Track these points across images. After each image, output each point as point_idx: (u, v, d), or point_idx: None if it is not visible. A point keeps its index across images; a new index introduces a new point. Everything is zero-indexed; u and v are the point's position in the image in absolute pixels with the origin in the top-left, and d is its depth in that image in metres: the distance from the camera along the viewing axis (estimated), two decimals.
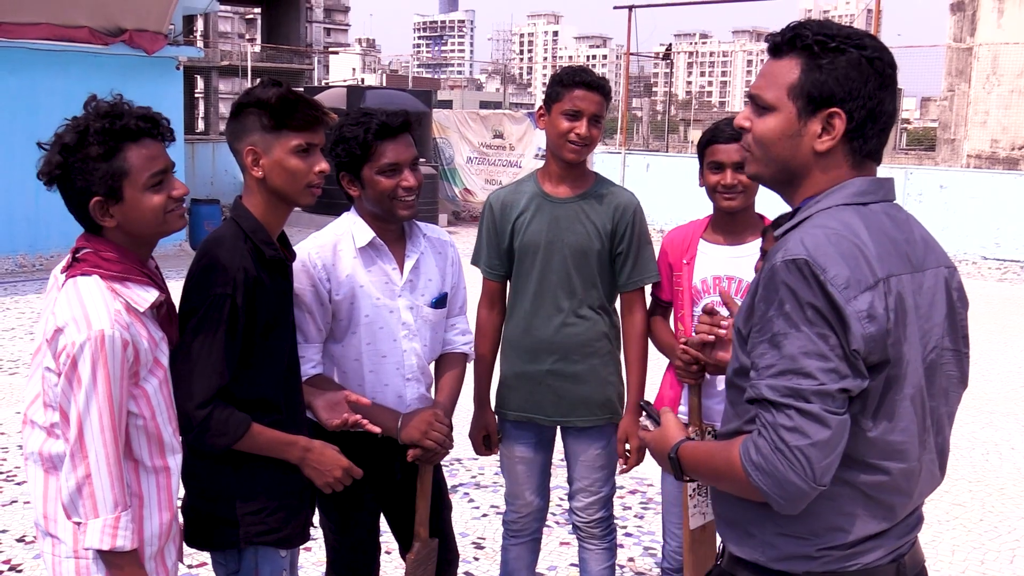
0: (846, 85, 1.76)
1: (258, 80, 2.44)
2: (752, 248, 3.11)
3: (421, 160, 2.97)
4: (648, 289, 3.27)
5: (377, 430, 2.66)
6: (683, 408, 3.19)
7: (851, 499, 1.76)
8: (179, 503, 2.34)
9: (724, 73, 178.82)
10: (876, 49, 1.78)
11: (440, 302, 2.95)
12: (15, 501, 4.85)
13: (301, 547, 2.63)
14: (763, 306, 1.73)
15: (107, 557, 2.07)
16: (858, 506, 1.78)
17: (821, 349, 1.65)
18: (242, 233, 2.38)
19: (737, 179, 3.02)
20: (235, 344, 2.30)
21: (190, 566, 4.08)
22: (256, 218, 2.41)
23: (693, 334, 2.91)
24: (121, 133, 2.09)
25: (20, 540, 4.42)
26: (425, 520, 2.93)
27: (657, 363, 3.25)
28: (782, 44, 1.83)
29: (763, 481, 1.68)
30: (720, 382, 3.08)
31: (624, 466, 3.26)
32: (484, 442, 3.35)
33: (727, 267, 3.13)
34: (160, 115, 2.20)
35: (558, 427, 3.31)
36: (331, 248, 2.81)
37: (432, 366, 3.05)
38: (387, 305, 2.83)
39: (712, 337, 2.66)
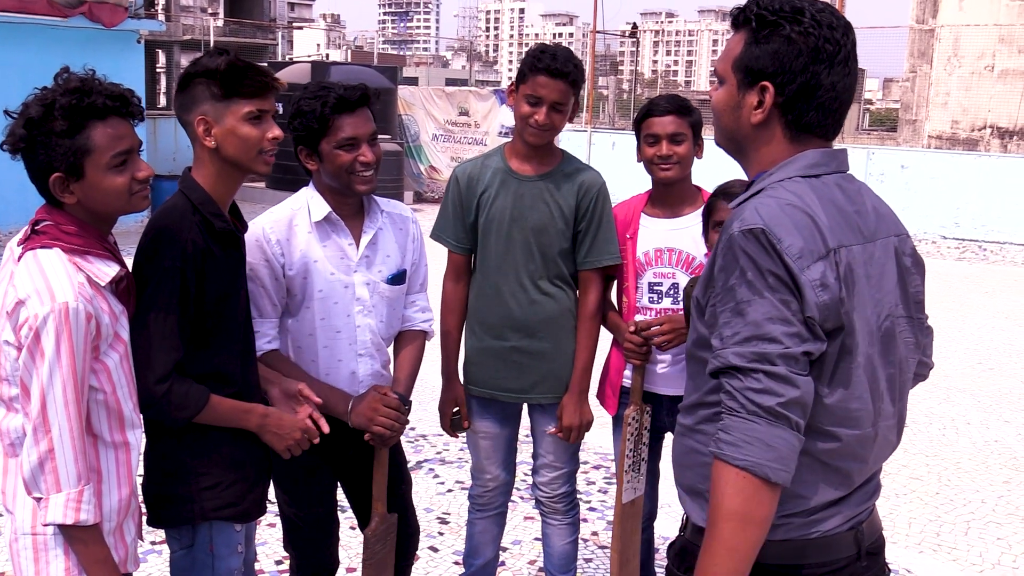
0: (776, 60, 1.79)
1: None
2: (690, 220, 3.21)
3: (386, 137, 2.96)
4: None
5: (326, 429, 2.64)
6: (627, 383, 3.30)
7: (809, 467, 1.79)
8: (139, 479, 2.33)
9: (690, 52, 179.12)
10: (814, 24, 1.78)
11: (398, 278, 2.93)
12: None
13: (260, 521, 2.63)
14: (723, 276, 1.75)
15: (69, 532, 2.06)
16: (816, 473, 1.81)
17: (784, 314, 1.68)
18: (191, 205, 2.35)
19: (672, 150, 3.13)
20: (188, 317, 2.28)
21: (153, 543, 4.06)
22: (205, 190, 2.38)
23: (631, 334, 3.12)
24: (87, 110, 2.06)
25: None
26: (382, 496, 2.93)
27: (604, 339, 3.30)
28: (736, 19, 1.88)
29: (751, 454, 1.65)
30: (662, 355, 3.22)
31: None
32: (453, 420, 3.35)
33: (667, 239, 3.21)
34: (131, 93, 2.16)
35: (524, 403, 3.33)
36: (286, 222, 2.79)
37: (392, 346, 3.05)
38: (342, 280, 2.82)
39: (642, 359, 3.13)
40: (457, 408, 3.34)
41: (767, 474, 1.65)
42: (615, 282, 3.34)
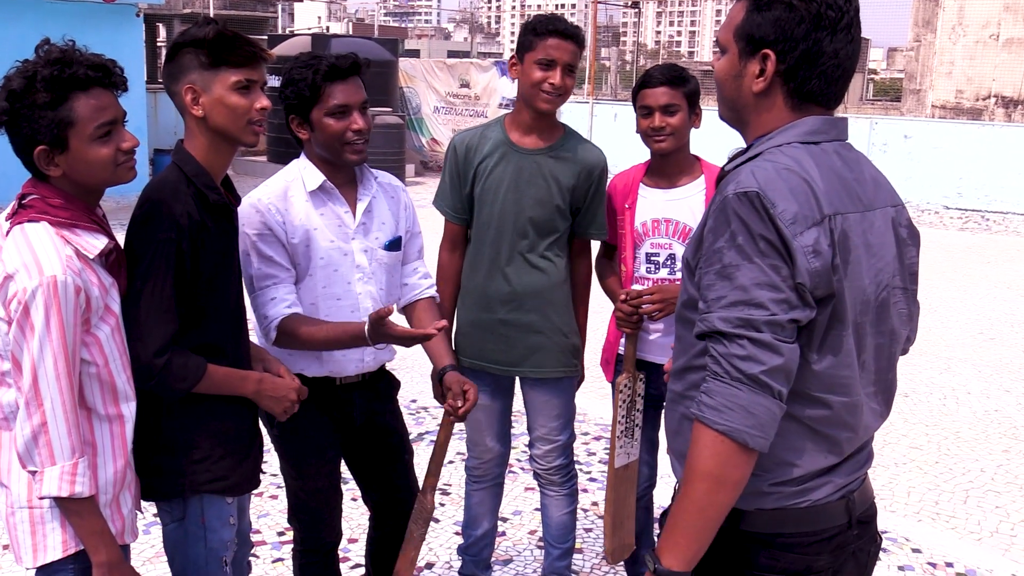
0: (777, 27, 1.78)
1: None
2: (687, 191, 3.22)
3: (387, 110, 2.96)
4: None
5: (304, 395, 2.58)
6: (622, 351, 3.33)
7: (798, 434, 1.79)
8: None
9: (693, 23, 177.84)
10: None
11: (394, 244, 2.93)
12: None
13: (256, 493, 2.64)
14: (711, 237, 1.75)
15: (65, 504, 2.07)
16: (805, 440, 1.81)
17: (773, 280, 1.67)
18: (184, 177, 2.33)
19: (665, 121, 3.12)
20: (183, 289, 2.28)
21: (155, 515, 4.08)
22: (199, 162, 2.36)
23: (621, 303, 3.14)
24: (69, 81, 2.04)
25: None
26: (435, 484, 2.95)
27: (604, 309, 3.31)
28: None
29: (731, 419, 1.65)
30: (655, 324, 3.24)
31: None
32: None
33: (665, 210, 3.21)
34: (113, 63, 2.14)
35: (514, 376, 3.33)
36: (282, 194, 2.78)
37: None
38: (341, 248, 2.81)
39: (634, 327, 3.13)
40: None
41: (745, 440, 1.66)
42: (616, 251, 3.35)
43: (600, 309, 3.59)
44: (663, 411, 2.03)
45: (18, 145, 2.08)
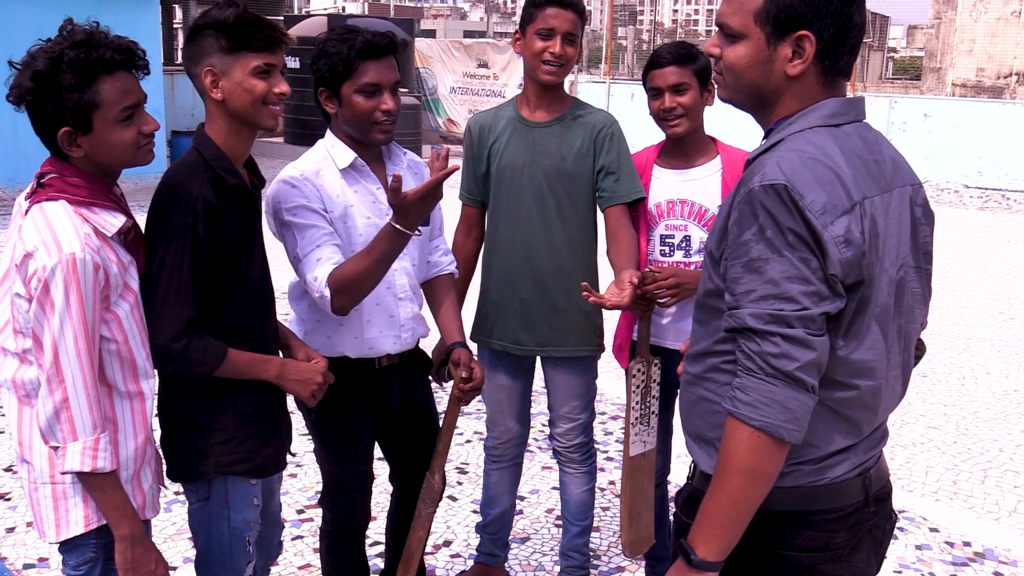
0: (811, 5, 1.73)
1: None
2: (703, 171, 3.15)
3: (404, 91, 2.93)
4: None
5: (332, 379, 2.58)
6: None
7: (820, 416, 1.79)
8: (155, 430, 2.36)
9: (711, 1, 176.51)
10: None
11: (425, 220, 2.90)
12: (1, 431, 4.88)
13: (282, 473, 2.66)
14: (737, 229, 1.73)
15: (87, 479, 2.09)
16: (827, 422, 1.81)
17: (804, 273, 1.66)
18: (203, 162, 2.33)
19: (676, 101, 3.05)
20: (202, 274, 2.28)
21: (177, 492, 4.12)
22: (218, 145, 2.36)
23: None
24: (96, 64, 2.05)
25: (8, 470, 4.46)
26: (443, 465, 2.96)
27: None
28: None
29: (767, 415, 1.67)
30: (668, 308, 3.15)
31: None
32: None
33: (680, 191, 3.16)
34: (136, 46, 2.15)
35: (537, 355, 3.33)
36: (315, 172, 2.75)
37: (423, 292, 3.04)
38: (377, 224, 2.75)
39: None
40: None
41: (782, 434, 1.68)
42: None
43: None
44: (680, 392, 2.02)
45: (40, 124, 2.09)
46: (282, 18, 16.92)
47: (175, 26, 35.73)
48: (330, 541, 3.05)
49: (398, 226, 2.47)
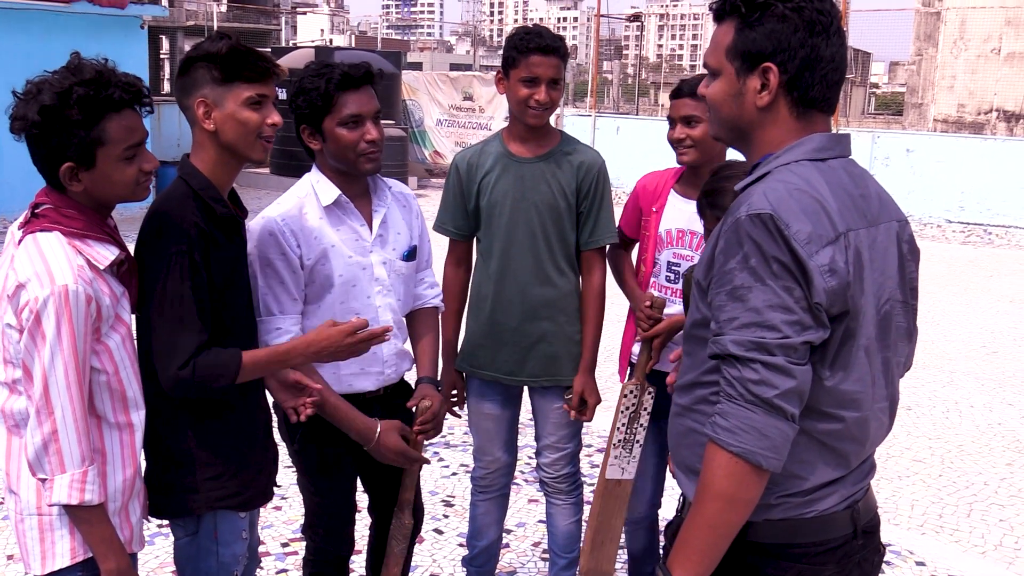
0: (773, 39, 1.79)
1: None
2: None
3: (390, 122, 2.96)
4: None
5: (303, 418, 2.56)
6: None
7: (807, 447, 1.80)
8: (143, 462, 2.34)
9: (695, 36, 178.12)
10: None
11: (411, 254, 2.93)
12: None
13: (265, 506, 2.64)
14: (722, 258, 1.75)
15: (74, 512, 2.08)
16: (814, 454, 1.82)
17: (786, 302, 1.68)
18: (191, 191, 2.33)
19: (685, 133, 3.10)
20: (203, 299, 2.27)
21: (160, 525, 4.09)
22: (205, 176, 2.36)
23: (646, 307, 3.08)
24: (105, 103, 2.06)
25: None
26: (408, 507, 2.97)
27: (618, 316, 3.29)
28: (720, 10, 1.87)
29: (745, 441, 1.68)
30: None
31: (579, 419, 3.29)
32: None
33: (690, 221, 3.17)
34: (142, 84, 2.16)
35: (525, 385, 3.34)
36: (297, 212, 2.74)
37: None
38: (359, 262, 2.79)
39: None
40: (455, 392, 3.36)
41: (759, 461, 1.69)
42: (636, 249, 3.34)
43: (617, 320, 3.56)
44: (669, 423, 2.03)
45: (42, 157, 2.09)
46: (270, 50, 16.98)
47: (162, 56, 35.78)
48: (313, 570, 3.03)
49: (359, 436, 2.77)
